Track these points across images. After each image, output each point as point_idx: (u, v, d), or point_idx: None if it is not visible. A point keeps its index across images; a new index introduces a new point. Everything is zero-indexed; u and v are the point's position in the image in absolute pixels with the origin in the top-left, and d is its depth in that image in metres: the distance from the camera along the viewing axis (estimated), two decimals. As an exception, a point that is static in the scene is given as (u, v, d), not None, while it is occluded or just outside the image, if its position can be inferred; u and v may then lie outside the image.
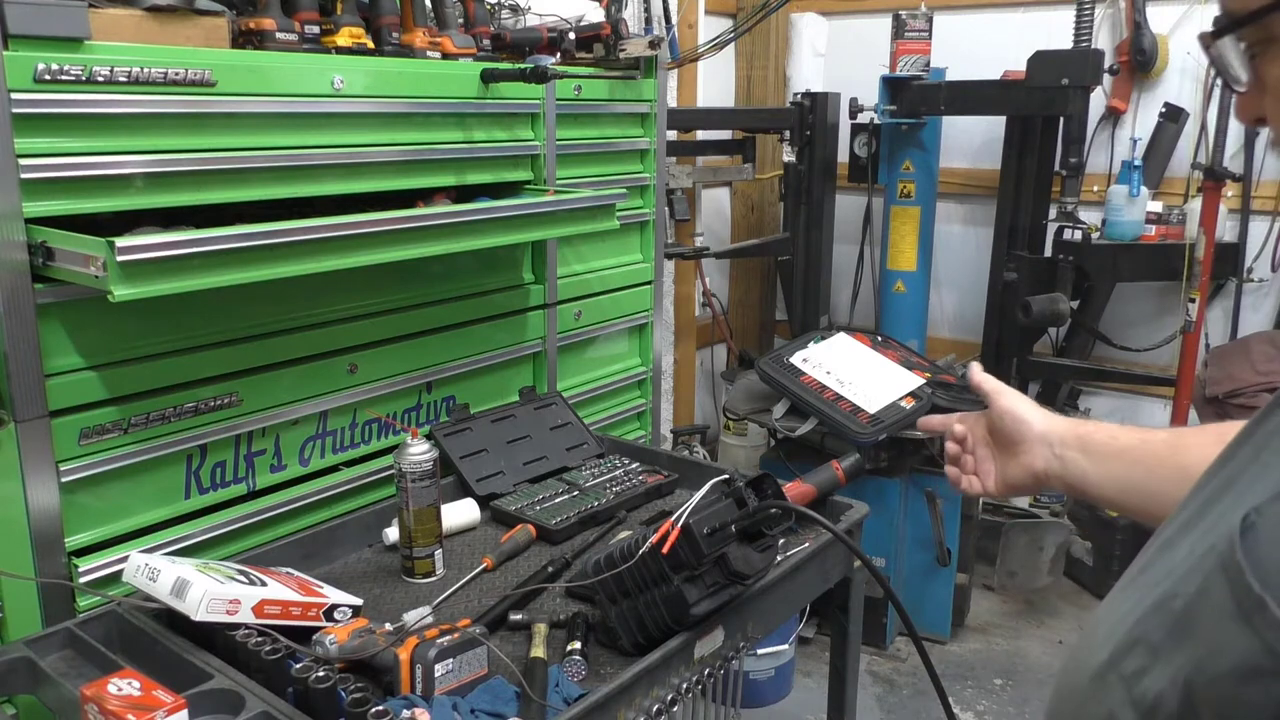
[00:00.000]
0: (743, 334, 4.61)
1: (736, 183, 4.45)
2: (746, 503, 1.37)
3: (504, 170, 2.06)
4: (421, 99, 1.83)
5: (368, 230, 1.55)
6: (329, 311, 1.79)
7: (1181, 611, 0.66)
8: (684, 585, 1.33)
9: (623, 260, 2.48)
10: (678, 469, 2.06)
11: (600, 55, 2.30)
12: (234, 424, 1.66)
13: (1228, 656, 0.60)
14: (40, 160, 1.34)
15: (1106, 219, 3.55)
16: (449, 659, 1.26)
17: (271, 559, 1.60)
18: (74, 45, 1.36)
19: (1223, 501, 0.69)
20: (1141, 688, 0.67)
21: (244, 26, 1.65)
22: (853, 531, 1.74)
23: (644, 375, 2.61)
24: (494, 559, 1.70)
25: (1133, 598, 0.73)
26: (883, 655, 3.26)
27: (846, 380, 3.03)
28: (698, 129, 3.99)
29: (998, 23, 3.98)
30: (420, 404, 2.01)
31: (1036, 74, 3.27)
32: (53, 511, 1.43)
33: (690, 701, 1.42)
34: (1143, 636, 0.69)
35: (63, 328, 1.42)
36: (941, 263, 4.15)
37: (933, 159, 3.78)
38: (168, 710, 1.08)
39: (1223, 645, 0.60)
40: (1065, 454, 1.20)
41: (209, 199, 1.54)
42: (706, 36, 3.92)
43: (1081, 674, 0.76)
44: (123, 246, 1.24)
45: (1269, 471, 0.65)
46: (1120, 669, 0.70)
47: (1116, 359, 3.82)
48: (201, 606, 1.27)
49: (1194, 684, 0.62)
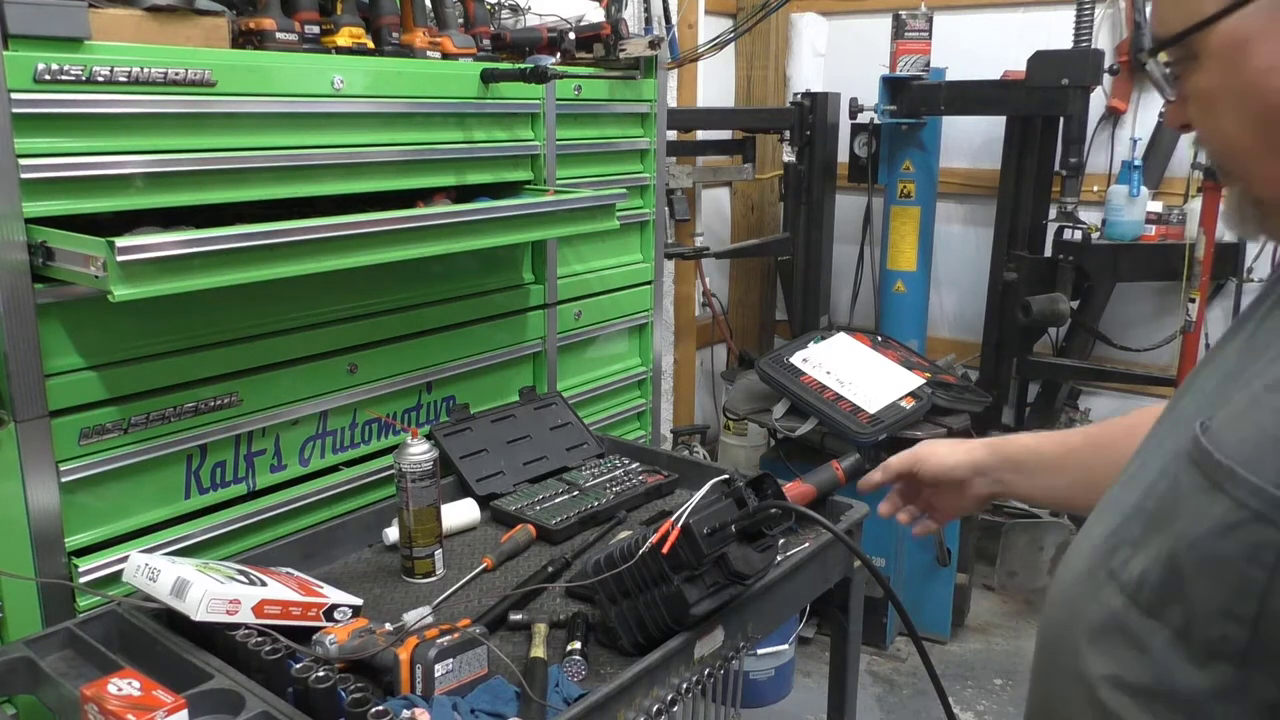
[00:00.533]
0: (743, 334, 4.61)
1: (736, 183, 4.45)
2: (746, 503, 1.37)
3: (504, 170, 2.06)
4: (421, 99, 1.83)
5: (368, 230, 1.55)
6: (329, 311, 1.79)
7: (1154, 508, 0.79)
8: (684, 585, 1.33)
9: (623, 260, 2.48)
10: (678, 469, 2.06)
11: (600, 55, 2.30)
12: (234, 424, 1.65)
13: (1204, 520, 0.72)
14: (40, 160, 1.34)
15: (1106, 219, 3.55)
16: (449, 659, 1.26)
17: (271, 559, 1.60)
18: (74, 45, 1.36)
19: (1173, 432, 0.83)
20: (1126, 573, 0.79)
21: (244, 26, 1.65)
22: (853, 531, 1.74)
23: (644, 375, 2.61)
24: (494, 559, 1.70)
25: (1105, 520, 0.86)
26: (883, 655, 3.26)
27: (846, 380, 3.03)
28: (698, 129, 3.99)
29: (998, 23, 3.98)
30: (420, 404, 2.01)
31: (1036, 74, 3.27)
32: (53, 511, 1.43)
33: (690, 701, 1.42)
34: (1123, 538, 0.81)
35: (63, 328, 1.42)
36: (941, 263, 4.15)
37: (933, 159, 3.78)
38: (168, 710, 1.08)
39: (1198, 514, 0.72)
40: (1002, 478, 1.31)
41: (209, 199, 1.54)
42: (706, 36, 3.92)
43: (1069, 582, 0.88)
44: (123, 246, 1.24)
45: (1209, 396, 0.82)
46: (1107, 565, 0.81)
47: (1116, 359, 3.82)
48: (201, 606, 1.27)
49: (1175, 553, 0.74)
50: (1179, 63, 0.81)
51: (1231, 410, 0.75)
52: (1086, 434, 1.30)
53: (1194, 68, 0.79)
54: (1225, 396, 0.78)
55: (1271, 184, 0.79)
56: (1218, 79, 0.78)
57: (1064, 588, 0.90)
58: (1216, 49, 0.77)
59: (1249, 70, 0.75)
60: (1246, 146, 0.78)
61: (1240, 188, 0.82)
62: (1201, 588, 0.72)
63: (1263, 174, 0.79)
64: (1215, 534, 0.71)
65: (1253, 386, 0.74)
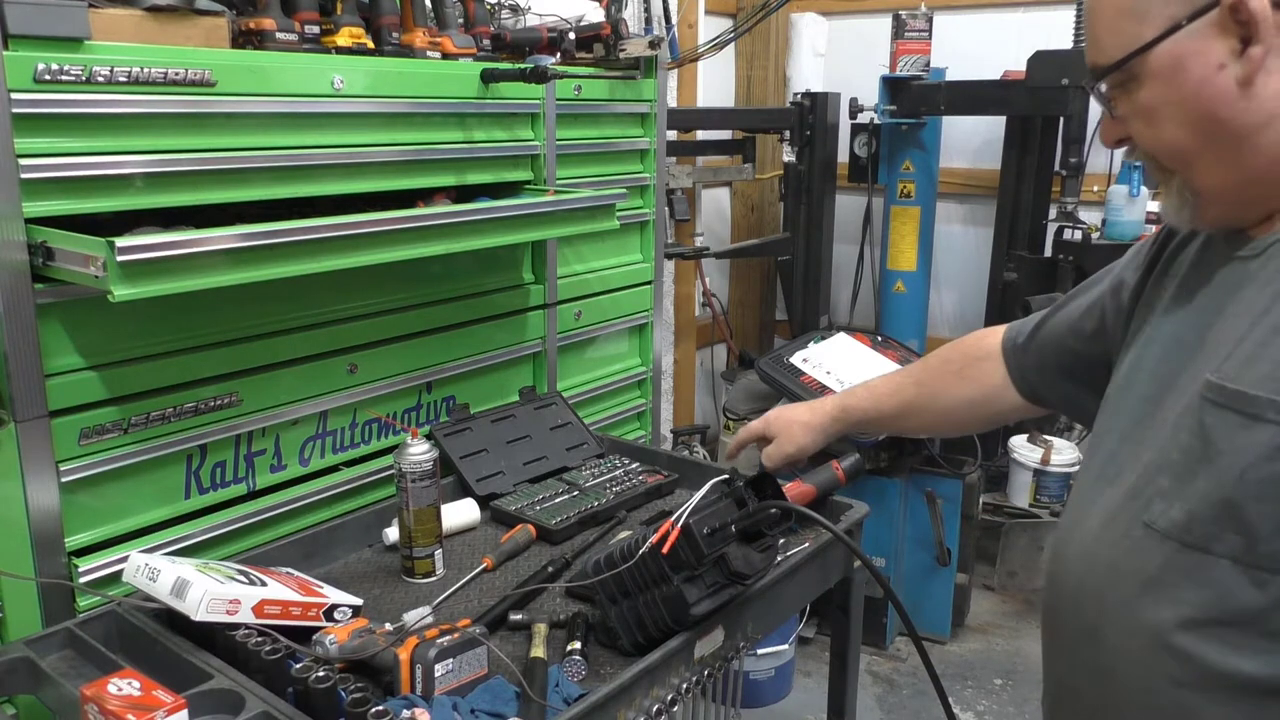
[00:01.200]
0: (743, 334, 4.61)
1: (736, 183, 4.45)
2: (746, 503, 1.38)
3: (504, 170, 2.06)
4: (421, 99, 1.83)
5: (368, 230, 1.55)
6: (329, 311, 1.79)
7: (1181, 459, 0.89)
8: (684, 585, 1.33)
9: (623, 260, 2.48)
10: (678, 469, 2.06)
11: (600, 55, 2.30)
12: (234, 424, 1.65)
13: (1249, 451, 0.83)
14: (40, 160, 1.34)
15: (1106, 219, 3.55)
16: (449, 659, 1.26)
17: (271, 559, 1.60)
18: (74, 45, 1.36)
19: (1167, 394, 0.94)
20: (1167, 520, 0.89)
21: (244, 26, 1.65)
22: (853, 531, 1.74)
23: (644, 375, 2.61)
24: (494, 559, 1.70)
25: (1115, 484, 0.97)
26: (883, 655, 3.26)
27: (846, 380, 3.03)
28: (698, 129, 3.99)
29: (998, 23, 3.98)
30: (420, 404, 2.01)
31: (1036, 74, 3.27)
32: (53, 511, 1.43)
33: (690, 701, 1.42)
34: (1154, 492, 0.91)
35: (63, 328, 1.42)
36: (941, 263, 4.15)
37: (933, 159, 3.78)
38: (168, 710, 1.08)
39: (1240, 448, 0.83)
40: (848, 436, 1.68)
41: (209, 199, 1.54)
42: (706, 36, 3.92)
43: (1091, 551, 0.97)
44: (123, 246, 1.24)
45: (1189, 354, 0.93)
46: (1141, 519, 0.91)
47: (1116, 359, 3.82)
48: (201, 606, 1.27)
49: (1224, 486, 0.84)
50: (1118, 85, 0.94)
51: (1240, 357, 0.86)
52: (917, 380, 1.50)
53: (1134, 87, 0.92)
54: (1214, 353, 0.90)
55: (1209, 174, 0.92)
56: (1159, 93, 0.90)
57: (1085, 561, 0.99)
58: (1156, 69, 0.90)
59: (1188, 82, 0.88)
60: (1187, 146, 0.91)
61: (1180, 180, 0.94)
62: (1259, 510, 0.82)
63: (1202, 167, 0.92)
64: (1265, 458, 0.82)
65: (1255, 335, 0.86)
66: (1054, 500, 3.51)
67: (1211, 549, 0.85)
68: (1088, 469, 1.05)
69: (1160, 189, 0.99)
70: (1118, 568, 0.94)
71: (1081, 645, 0.98)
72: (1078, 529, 1.01)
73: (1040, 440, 3.47)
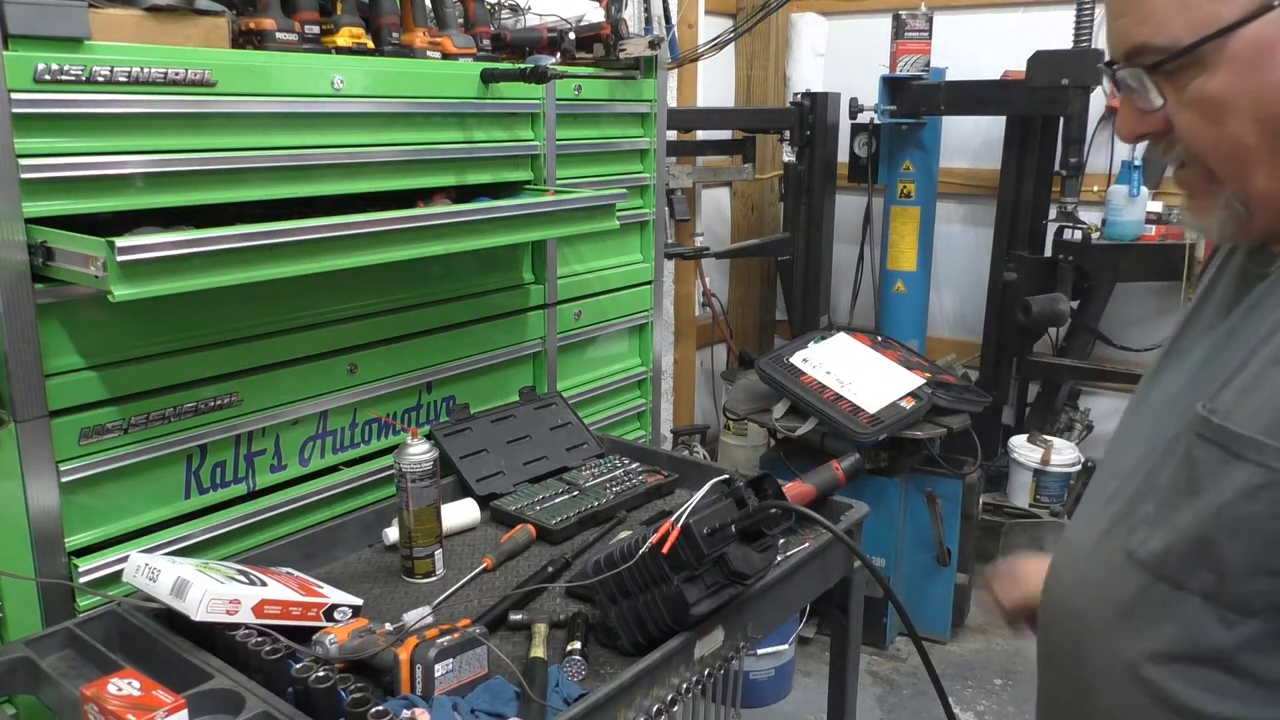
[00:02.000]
0: (743, 334, 4.61)
1: (736, 183, 4.45)
2: (746, 503, 1.37)
3: (504, 170, 2.06)
4: (421, 99, 1.83)
5: (368, 230, 1.55)
6: (329, 311, 1.79)
7: (1168, 486, 0.85)
8: (684, 585, 1.33)
9: (623, 260, 2.48)
10: (678, 469, 2.06)
11: (600, 55, 2.30)
12: (234, 424, 1.65)
13: (1228, 488, 0.78)
14: (40, 160, 1.34)
15: (1106, 219, 3.55)
16: (449, 659, 1.26)
17: (271, 559, 1.60)
18: (74, 45, 1.36)
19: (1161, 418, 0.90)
20: (1147, 550, 0.85)
21: (244, 26, 1.65)
22: (853, 531, 1.74)
23: (644, 375, 2.61)
24: (494, 559, 1.70)
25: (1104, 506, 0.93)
26: (883, 655, 3.26)
27: (846, 380, 3.03)
28: (698, 129, 3.99)
29: (998, 23, 3.98)
30: (420, 404, 2.01)
31: (1036, 74, 3.27)
32: (53, 511, 1.43)
33: (690, 701, 1.42)
34: (1137, 518, 0.87)
35: (63, 328, 1.42)
36: (941, 263, 4.15)
37: (933, 159, 3.78)
38: (168, 710, 1.08)
39: (1221, 484, 0.79)
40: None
41: (209, 199, 1.54)
42: (706, 36, 3.92)
43: (1080, 572, 0.94)
44: (123, 246, 1.24)
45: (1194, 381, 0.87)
46: (1124, 546, 0.87)
47: (1116, 359, 3.82)
48: (201, 606, 1.27)
49: (1202, 522, 0.80)
50: (1172, 72, 0.80)
51: (1235, 388, 0.81)
52: None
53: (1197, 75, 0.79)
54: (1214, 379, 0.84)
55: (1266, 180, 0.80)
56: (1232, 83, 0.77)
57: (1075, 578, 0.95)
58: (1234, 55, 0.77)
59: (1272, 72, 0.76)
60: (1251, 147, 0.79)
61: (1232, 188, 0.82)
62: (1232, 549, 0.78)
63: (1261, 172, 0.80)
64: (1243, 498, 0.77)
65: (1250, 366, 0.80)
66: (1054, 500, 3.51)
67: (1185, 584, 0.82)
68: (1095, 480, 1.01)
69: (1184, 195, 0.88)
70: (1101, 591, 0.91)
71: (1066, 661, 0.96)
72: (1075, 545, 0.98)
73: (1040, 440, 3.47)
